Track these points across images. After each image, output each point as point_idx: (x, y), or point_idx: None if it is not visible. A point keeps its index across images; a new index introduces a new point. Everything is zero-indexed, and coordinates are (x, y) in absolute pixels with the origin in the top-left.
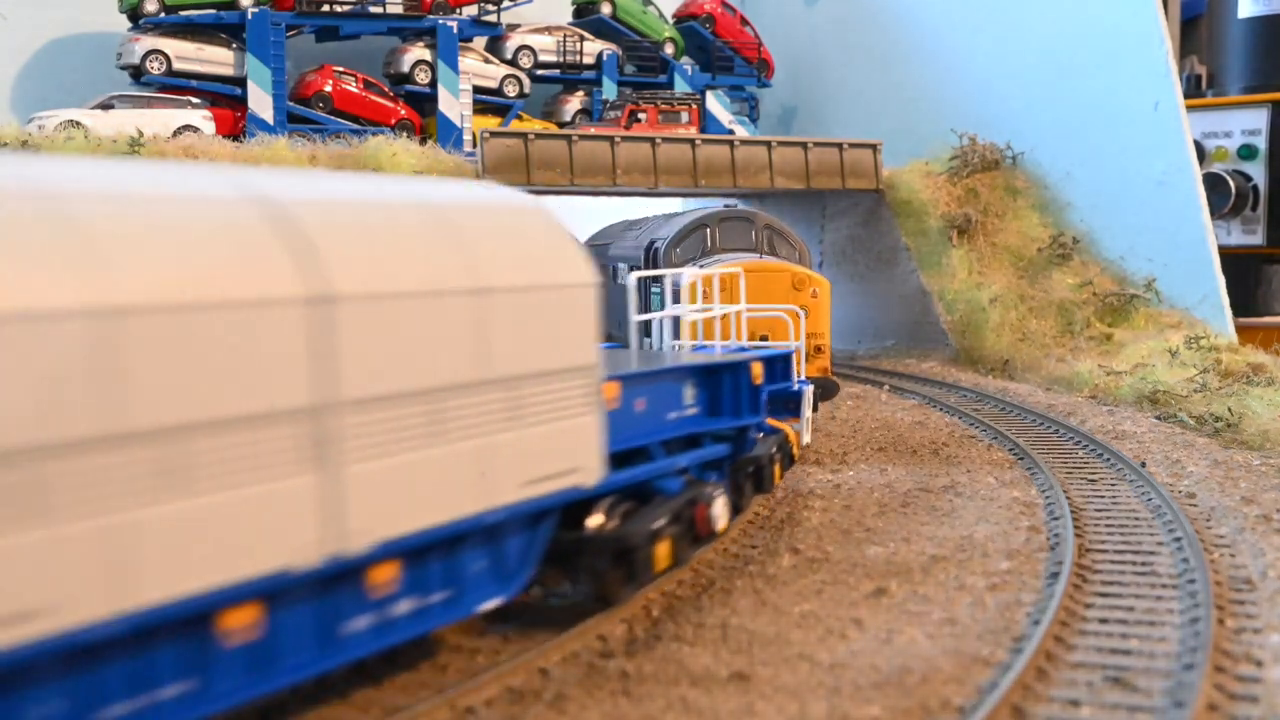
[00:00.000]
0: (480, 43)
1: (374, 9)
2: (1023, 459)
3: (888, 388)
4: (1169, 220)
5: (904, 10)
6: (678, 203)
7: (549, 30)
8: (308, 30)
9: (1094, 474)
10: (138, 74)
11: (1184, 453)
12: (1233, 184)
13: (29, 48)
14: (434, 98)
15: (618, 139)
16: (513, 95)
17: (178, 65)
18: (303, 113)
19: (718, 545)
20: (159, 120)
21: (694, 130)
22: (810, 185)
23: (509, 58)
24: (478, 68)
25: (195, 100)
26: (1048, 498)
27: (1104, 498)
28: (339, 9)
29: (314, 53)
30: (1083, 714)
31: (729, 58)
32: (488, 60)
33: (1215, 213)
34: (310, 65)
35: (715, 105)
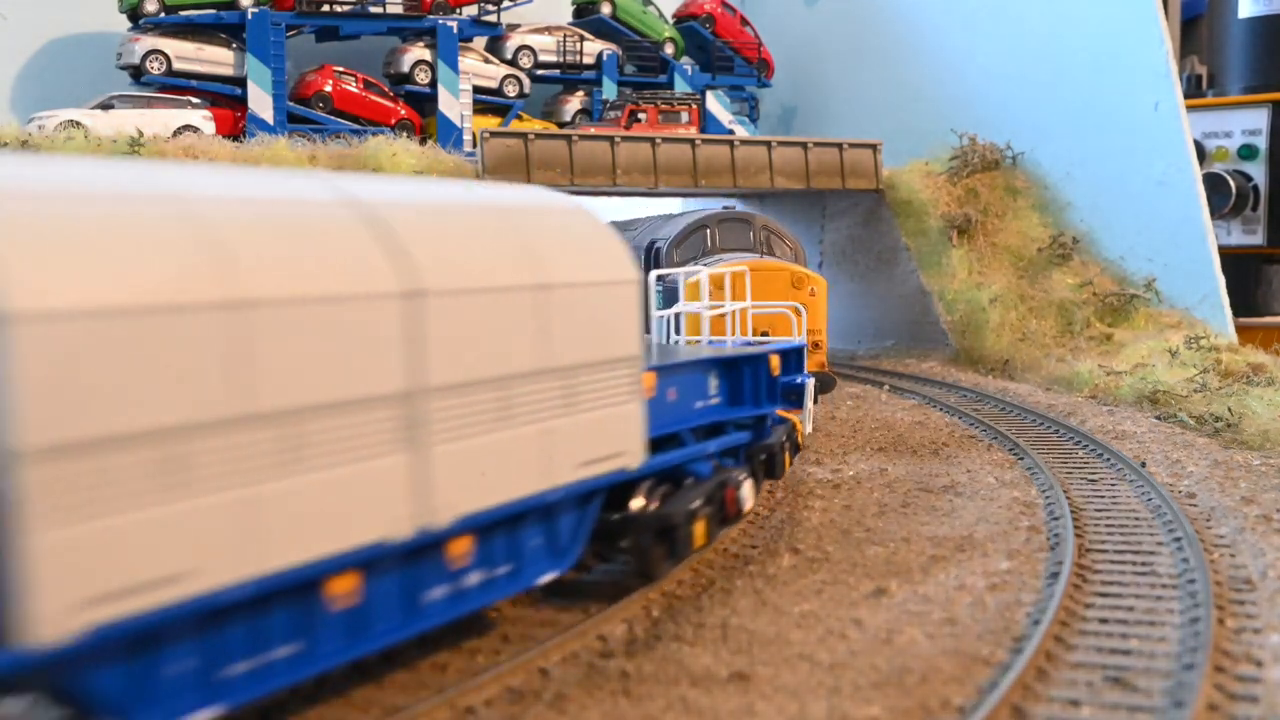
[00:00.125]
0: (480, 43)
1: (374, 9)
2: (1023, 459)
3: (888, 388)
4: (1169, 220)
5: (904, 10)
6: (677, 203)
7: (549, 30)
8: (308, 30)
9: (1094, 474)
10: (138, 74)
11: (1184, 453)
12: (1233, 184)
13: (29, 48)
14: (434, 98)
15: (618, 139)
16: (513, 95)
17: (178, 65)
18: (303, 113)
19: (717, 545)
20: (159, 120)
21: (694, 130)
22: (810, 185)
23: (509, 58)
24: (478, 68)
25: (195, 100)
26: (1048, 498)
27: (1104, 498)
28: (339, 9)
29: (314, 53)
30: (1083, 714)
31: (729, 58)
32: (488, 60)
33: (1215, 213)
34: (310, 65)
35: (715, 105)
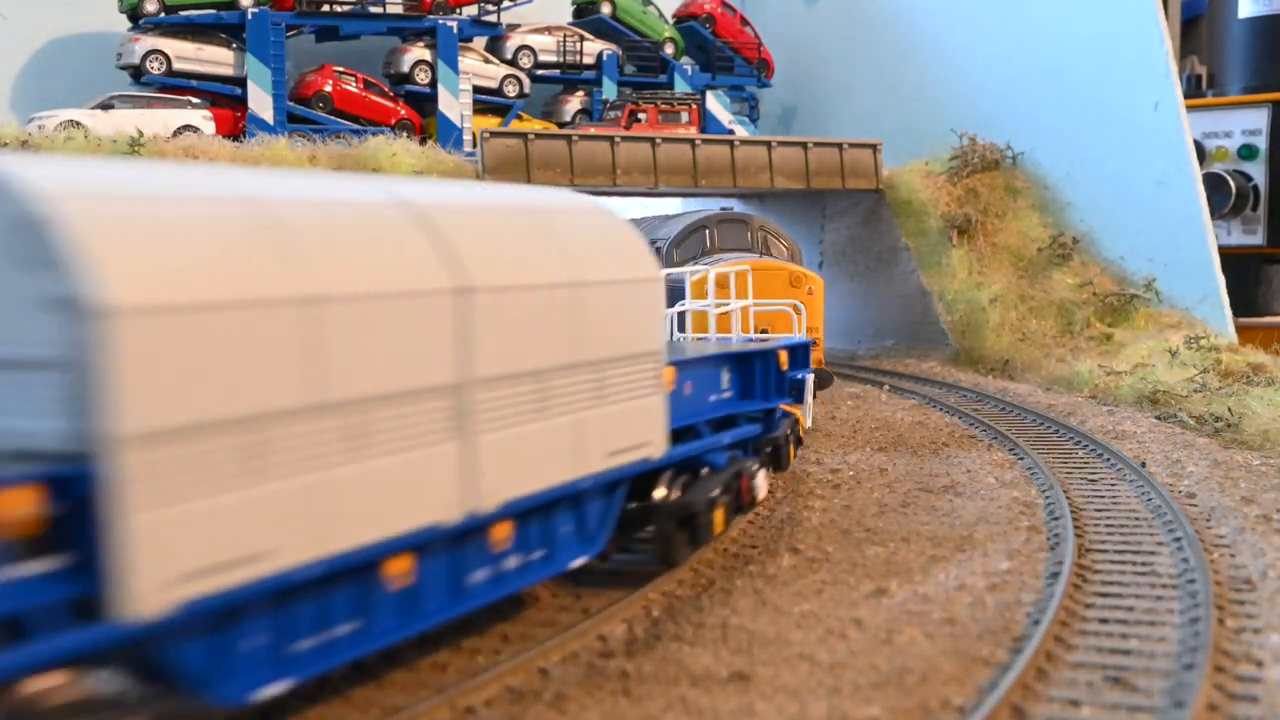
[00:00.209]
0: (480, 43)
1: (374, 9)
2: (1023, 459)
3: (888, 388)
4: (1169, 220)
5: (904, 10)
6: (677, 203)
7: (549, 30)
8: (308, 30)
9: (1094, 474)
10: (138, 74)
11: (1184, 453)
12: (1233, 184)
13: (29, 48)
14: (434, 98)
15: (618, 139)
16: (513, 95)
17: (178, 65)
18: (303, 113)
19: (717, 545)
20: (159, 120)
21: (694, 130)
22: (810, 185)
23: (509, 58)
24: (478, 68)
25: (195, 100)
26: (1048, 498)
27: (1104, 498)
28: (339, 9)
29: (314, 53)
30: (1083, 714)
31: (729, 58)
32: (488, 60)
33: (1215, 213)
34: (310, 65)
35: (715, 105)
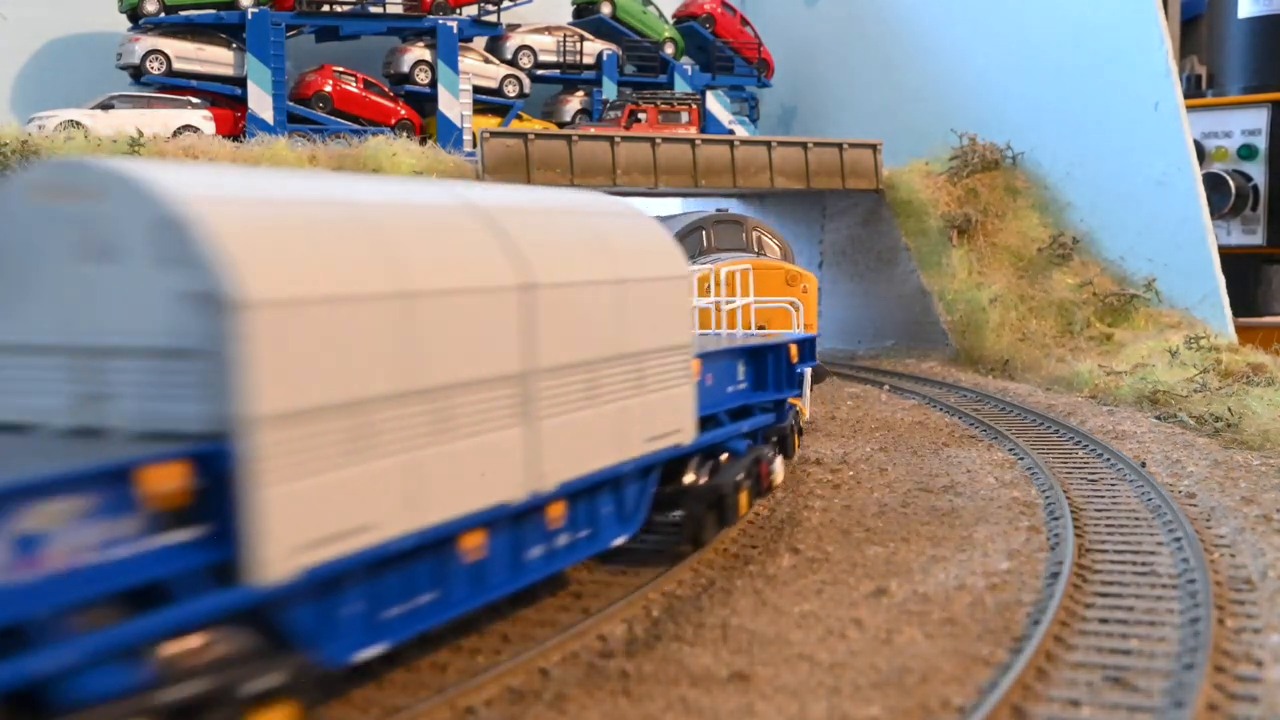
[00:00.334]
0: (480, 43)
1: (374, 9)
2: (1023, 459)
3: (888, 388)
4: (1169, 220)
5: (904, 10)
6: (677, 203)
7: (549, 30)
8: (308, 30)
9: (1094, 474)
10: (138, 74)
11: (1184, 453)
12: (1233, 184)
13: (29, 48)
14: (434, 98)
15: (618, 139)
16: (513, 95)
17: (178, 65)
18: (303, 113)
19: (717, 545)
20: (159, 120)
21: (694, 130)
22: (810, 185)
23: (509, 58)
24: (478, 68)
25: (195, 100)
26: (1048, 498)
27: (1104, 498)
28: (339, 9)
29: (314, 53)
30: (1083, 714)
31: (729, 58)
32: (488, 60)
33: (1215, 213)
34: (310, 65)
35: (715, 105)
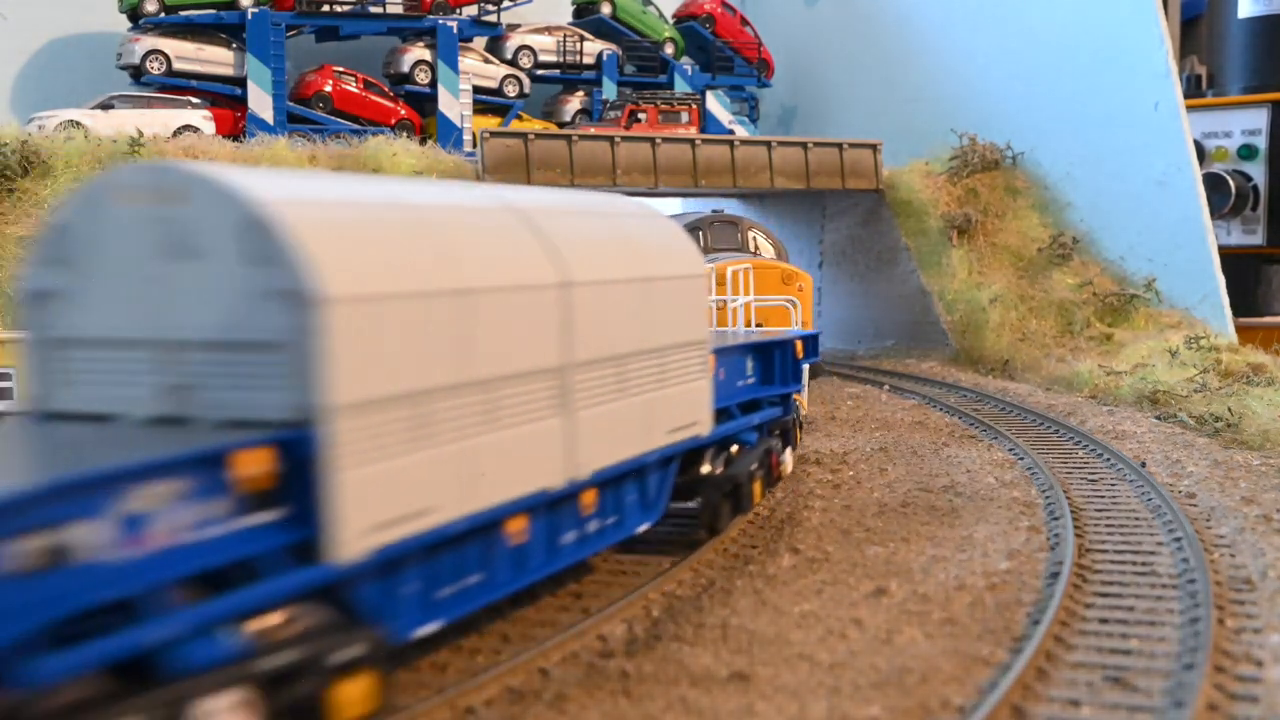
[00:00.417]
0: (480, 43)
1: (374, 9)
2: (1023, 459)
3: (888, 388)
4: (1169, 220)
5: (904, 10)
6: (677, 203)
7: (549, 30)
8: (308, 30)
9: (1094, 474)
10: (138, 74)
11: (1184, 453)
12: (1233, 184)
13: (29, 48)
14: (434, 98)
15: (618, 139)
16: (513, 95)
17: (178, 65)
18: (303, 113)
19: (717, 545)
20: (159, 120)
21: (694, 130)
22: (810, 185)
23: (509, 58)
24: (478, 68)
25: (195, 100)
26: (1048, 498)
27: (1104, 498)
28: (339, 9)
29: (314, 53)
30: (1083, 714)
31: (729, 58)
32: (488, 60)
33: (1215, 213)
34: (310, 65)
35: (715, 105)
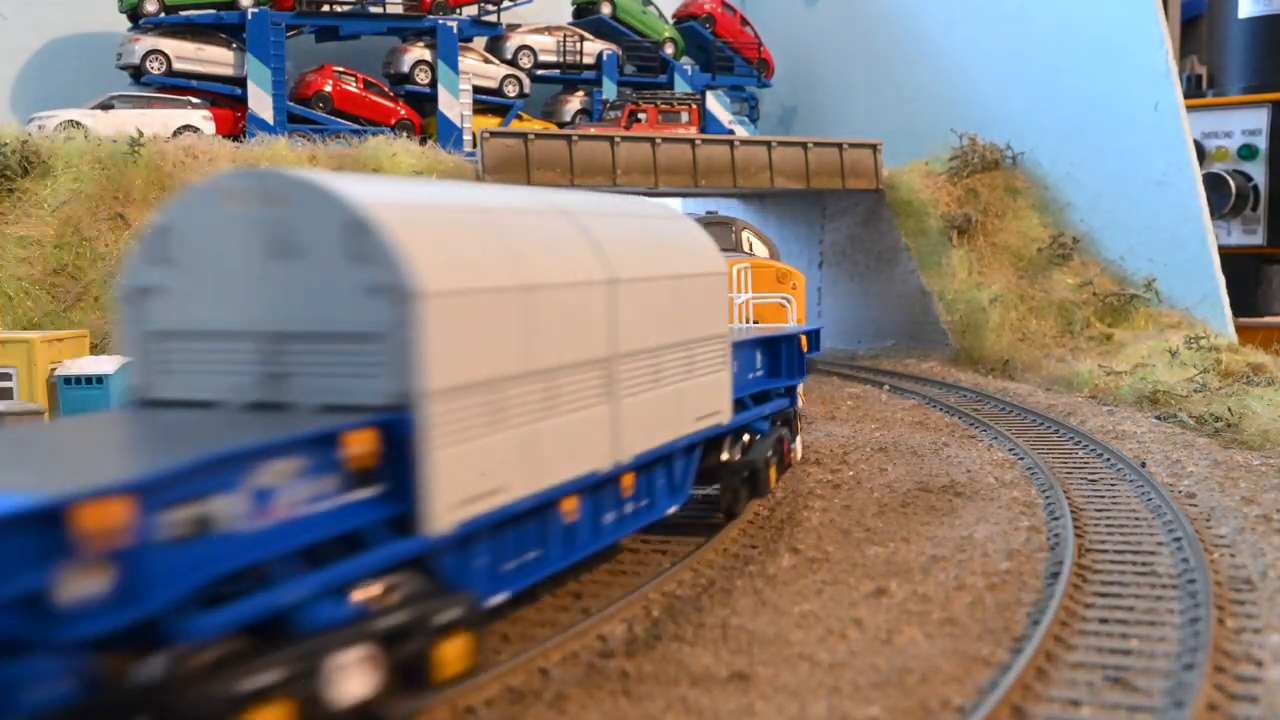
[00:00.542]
0: (480, 43)
1: (374, 9)
2: (1023, 459)
3: (888, 388)
4: (1169, 220)
5: (904, 10)
6: (676, 203)
7: (549, 30)
8: (308, 30)
9: (1094, 474)
10: (138, 74)
11: (1184, 453)
12: (1233, 184)
13: (29, 48)
14: (434, 98)
15: (618, 139)
16: (513, 95)
17: (178, 65)
18: (303, 113)
19: (717, 545)
20: (159, 120)
21: (694, 130)
22: (810, 185)
23: (509, 58)
24: (478, 68)
25: (195, 100)
26: (1048, 498)
27: (1104, 498)
28: (339, 9)
29: (314, 53)
30: (1083, 714)
31: (729, 58)
32: (488, 60)
33: (1215, 213)
34: (310, 65)
35: (715, 105)
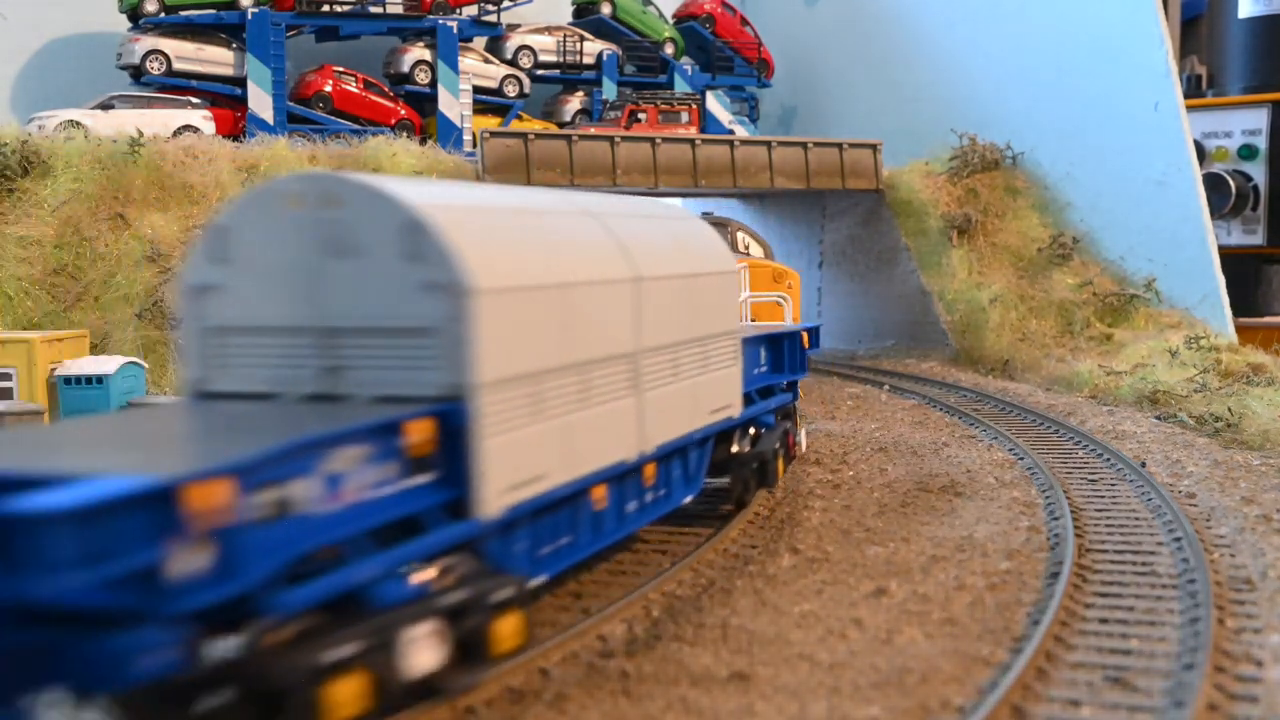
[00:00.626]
0: (480, 43)
1: (374, 9)
2: (1023, 459)
3: (888, 388)
4: (1169, 220)
5: (905, 10)
6: (677, 203)
7: (549, 30)
8: (308, 30)
9: (1094, 474)
10: (138, 74)
11: (1184, 453)
12: (1233, 184)
13: (29, 48)
14: (434, 98)
15: (618, 139)
16: (513, 95)
17: (178, 65)
18: (303, 113)
19: (717, 545)
20: (159, 120)
21: (694, 130)
22: (810, 185)
23: (509, 58)
24: (478, 68)
25: (195, 100)
26: (1048, 497)
27: (1104, 498)
28: (339, 9)
29: (314, 53)
30: (1083, 714)
31: (729, 58)
32: (488, 60)
33: (1215, 213)
34: (310, 65)
35: (715, 105)
